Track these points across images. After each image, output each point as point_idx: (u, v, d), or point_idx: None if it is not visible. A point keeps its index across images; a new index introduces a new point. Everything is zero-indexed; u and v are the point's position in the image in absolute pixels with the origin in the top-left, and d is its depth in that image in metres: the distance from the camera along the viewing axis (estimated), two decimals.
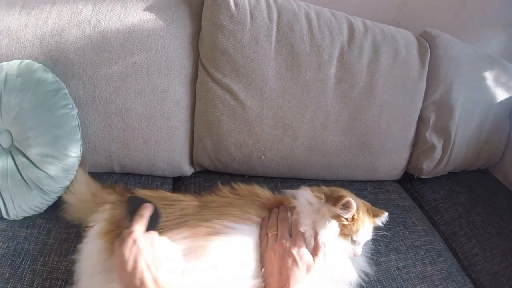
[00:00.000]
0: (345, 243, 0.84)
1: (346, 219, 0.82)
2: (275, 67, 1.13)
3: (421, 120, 1.35)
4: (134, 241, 0.70)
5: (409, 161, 1.41)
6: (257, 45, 1.10)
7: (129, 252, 0.69)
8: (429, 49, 1.30)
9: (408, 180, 1.48)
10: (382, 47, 1.22)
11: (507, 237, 1.29)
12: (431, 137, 1.35)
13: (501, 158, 1.65)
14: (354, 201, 0.81)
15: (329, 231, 0.81)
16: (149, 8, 1.10)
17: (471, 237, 1.27)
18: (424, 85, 1.31)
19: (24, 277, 0.87)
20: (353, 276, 0.86)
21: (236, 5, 1.07)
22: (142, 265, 0.67)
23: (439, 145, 1.36)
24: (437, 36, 1.32)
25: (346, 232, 0.83)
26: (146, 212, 0.77)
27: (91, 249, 0.81)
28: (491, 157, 1.61)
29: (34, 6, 1.07)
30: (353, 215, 0.83)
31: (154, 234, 0.74)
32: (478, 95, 1.41)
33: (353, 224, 0.82)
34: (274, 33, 1.12)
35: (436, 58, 1.30)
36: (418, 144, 1.37)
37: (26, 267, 0.87)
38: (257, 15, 1.10)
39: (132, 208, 0.79)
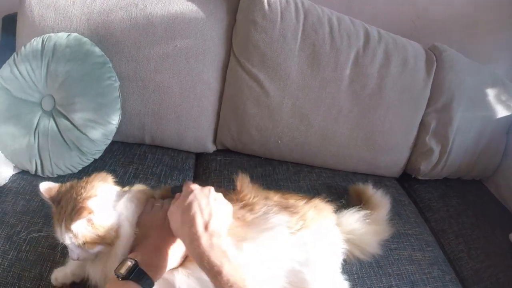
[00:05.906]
0: None
1: None
2: (298, 63, 1.25)
3: (423, 125, 1.44)
4: (191, 191, 0.74)
5: (408, 161, 1.49)
6: (284, 42, 1.23)
7: (185, 198, 0.72)
8: (435, 62, 1.39)
9: (406, 180, 1.56)
10: (393, 55, 1.33)
11: (493, 241, 1.35)
12: (430, 141, 1.44)
13: (495, 172, 1.70)
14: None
15: None
16: (191, 0, 1.21)
17: (459, 235, 1.34)
18: (428, 93, 1.40)
19: None
20: None
21: (269, 4, 1.20)
22: (195, 208, 0.70)
23: (437, 150, 1.45)
24: (444, 51, 1.42)
25: None
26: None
27: None
28: (486, 169, 1.67)
29: None
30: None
31: (211, 188, 0.76)
32: (478, 109, 1.49)
33: None
34: (300, 33, 1.24)
35: (441, 70, 1.39)
36: (417, 146, 1.46)
37: None
38: (286, 15, 1.22)
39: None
